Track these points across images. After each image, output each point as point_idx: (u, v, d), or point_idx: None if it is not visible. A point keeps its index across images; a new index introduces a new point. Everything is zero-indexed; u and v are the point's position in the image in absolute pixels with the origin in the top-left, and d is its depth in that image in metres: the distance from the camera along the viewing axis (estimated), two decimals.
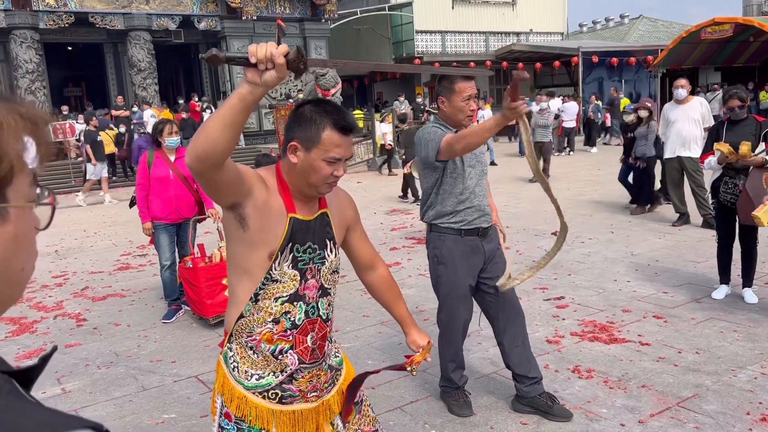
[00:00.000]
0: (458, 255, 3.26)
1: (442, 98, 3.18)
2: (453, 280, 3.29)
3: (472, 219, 3.24)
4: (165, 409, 3.69)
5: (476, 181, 3.26)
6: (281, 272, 1.84)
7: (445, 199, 3.24)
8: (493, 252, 3.34)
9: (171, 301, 5.44)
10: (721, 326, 4.45)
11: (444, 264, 3.29)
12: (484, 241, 3.30)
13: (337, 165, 1.81)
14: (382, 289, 2.19)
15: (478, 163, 3.29)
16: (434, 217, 3.30)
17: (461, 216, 3.23)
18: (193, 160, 1.57)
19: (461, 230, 3.25)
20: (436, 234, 3.32)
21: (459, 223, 3.24)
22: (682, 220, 7.82)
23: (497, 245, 3.39)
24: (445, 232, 3.27)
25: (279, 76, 1.49)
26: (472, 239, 3.26)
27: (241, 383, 1.89)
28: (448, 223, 3.26)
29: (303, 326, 1.89)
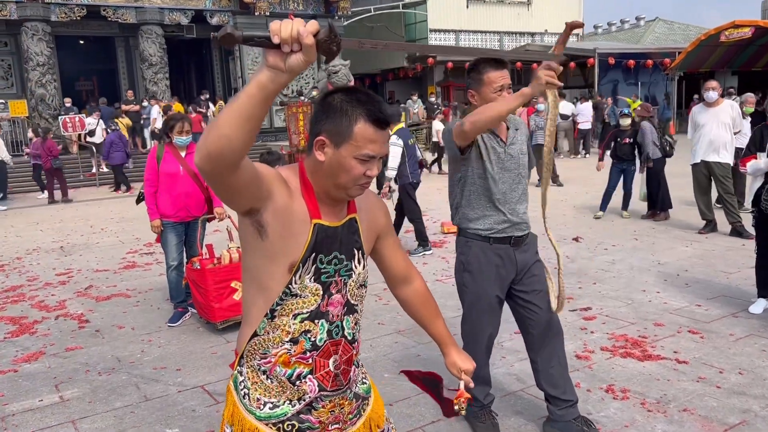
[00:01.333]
0: (485, 264, 2.97)
1: (472, 91, 2.90)
2: (478, 290, 3.02)
3: (504, 227, 2.95)
4: (168, 423, 3.44)
5: (510, 186, 2.95)
6: (302, 286, 1.58)
7: (472, 202, 2.97)
8: (528, 263, 3.02)
9: (177, 303, 5.20)
10: (763, 344, 4.16)
11: (470, 272, 3.02)
12: (517, 250, 2.99)
13: (371, 164, 1.55)
14: (417, 305, 1.93)
15: (516, 166, 2.97)
16: (461, 220, 3.03)
17: (490, 222, 2.95)
18: (203, 159, 1.31)
19: (489, 237, 2.96)
20: (464, 239, 3.05)
21: (488, 230, 2.96)
22: (709, 227, 7.51)
23: (535, 256, 3.08)
24: (472, 237, 3.00)
25: (307, 60, 1.23)
26: (503, 248, 2.97)
27: (252, 413, 1.64)
28: (475, 229, 2.98)
29: (325, 348, 1.63)
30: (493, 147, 2.91)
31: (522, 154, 3.01)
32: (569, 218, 8.89)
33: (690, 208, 8.02)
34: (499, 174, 2.92)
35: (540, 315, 3.03)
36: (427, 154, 18.26)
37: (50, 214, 11.89)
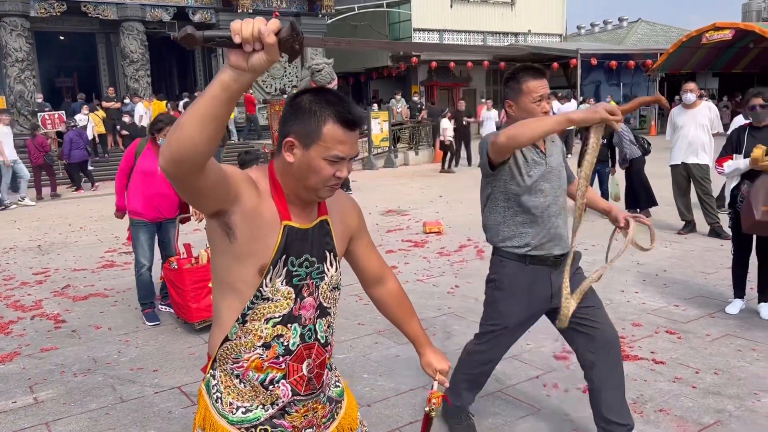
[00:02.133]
0: (519, 285, 2.79)
1: (509, 101, 2.74)
2: (508, 311, 2.84)
3: (541, 243, 2.76)
4: (144, 425, 3.40)
5: (552, 199, 2.76)
6: (273, 289, 1.56)
7: (508, 218, 2.79)
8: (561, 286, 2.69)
9: (145, 304, 5.10)
10: (738, 344, 4.21)
11: (501, 290, 2.85)
12: (555, 271, 2.79)
13: (340, 165, 1.53)
14: (392, 305, 1.91)
15: (556, 179, 2.78)
16: (494, 238, 2.87)
17: (527, 239, 2.76)
18: (167, 162, 1.28)
19: (526, 256, 2.78)
20: (498, 258, 2.87)
21: (524, 248, 2.77)
22: (688, 228, 7.58)
23: (575, 272, 2.86)
24: (508, 257, 2.81)
25: (269, 59, 1.21)
26: (539, 268, 2.78)
27: (225, 417, 1.61)
28: (511, 247, 2.80)
29: (298, 352, 1.61)
30: (533, 159, 2.73)
31: (561, 166, 2.84)
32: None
33: (669, 209, 8.09)
34: (539, 187, 2.73)
35: (596, 330, 2.82)
36: (411, 154, 18.28)
37: (28, 212, 11.72)
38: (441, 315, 5.04)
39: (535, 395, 3.59)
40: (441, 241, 7.83)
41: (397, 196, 11.95)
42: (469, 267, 6.48)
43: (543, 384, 3.73)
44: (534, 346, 4.27)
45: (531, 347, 4.27)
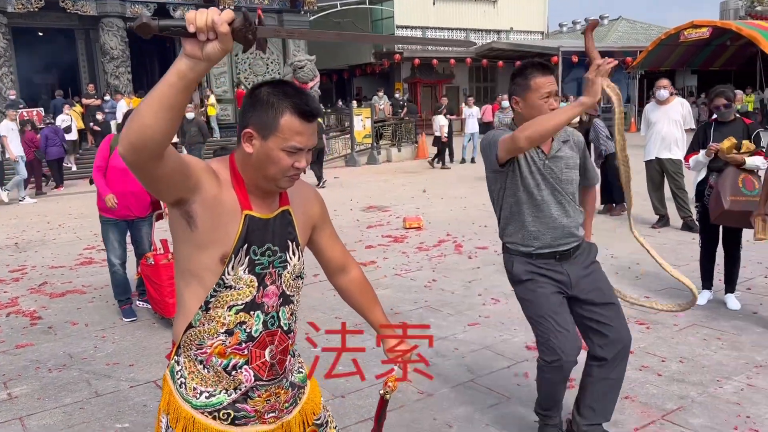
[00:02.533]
0: (533, 273, 2.78)
1: (516, 98, 2.72)
2: (538, 295, 2.76)
3: (545, 242, 2.75)
4: (119, 418, 3.43)
5: (552, 199, 2.76)
6: (236, 277, 1.61)
7: (513, 216, 2.80)
8: (580, 275, 2.78)
9: (122, 300, 5.11)
10: (704, 333, 4.32)
11: (522, 281, 2.81)
12: (565, 263, 2.77)
13: (299, 155, 1.58)
14: (355, 294, 1.97)
15: (557, 181, 2.77)
16: (503, 234, 2.88)
17: (530, 237, 2.76)
18: (126, 149, 1.33)
19: (532, 254, 2.78)
20: (507, 255, 2.89)
21: (528, 246, 2.77)
22: (661, 222, 7.72)
23: (590, 267, 2.84)
24: (514, 253, 2.83)
25: (223, 48, 1.27)
26: (548, 262, 2.77)
27: (188, 401, 1.66)
28: (516, 243, 2.82)
29: (260, 339, 1.66)
30: (533, 159, 2.74)
31: (567, 167, 2.78)
32: None
33: (644, 204, 8.21)
34: (539, 187, 2.73)
35: (616, 324, 2.80)
36: (393, 150, 18.33)
37: (5, 210, 11.62)
38: (417, 308, 5.11)
39: (506, 385, 3.67)
40: (420, 236, 7.90)
41: (378, 193, 12.01)
42: (447, 262, 6.55)
43: (514, 373, 3.81)
44: (506, 337, 4.35)
45: (504, 338, 4.35)
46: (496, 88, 28.50)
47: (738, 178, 4.55)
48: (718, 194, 4.53)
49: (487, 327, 4.60)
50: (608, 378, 2.84)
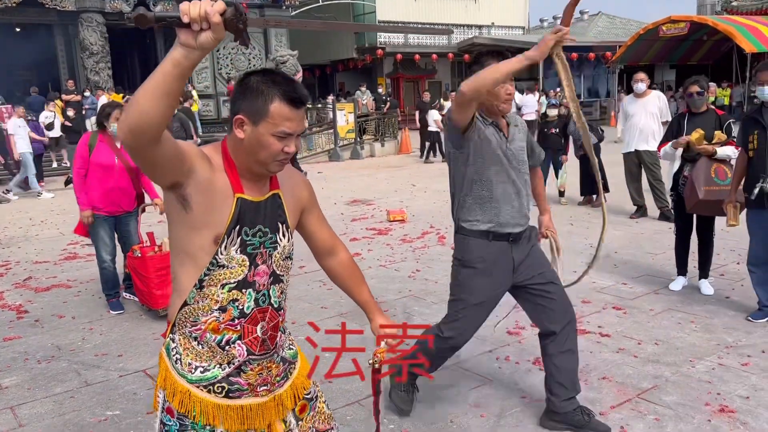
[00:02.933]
0: (485, 261, 2.92)
1: None
2: (473, 287, 2.95)
3: (502, 222, 2.89)
4: (109, 406, 3.49)
5: (510, 182, 2.89)
6: (228, 257, 1.69)
7: (471, 198, 2.91)
8: (523, 257, 2.97)
9: (110, 294, 5.14)
10: (678, 317, 4.47)
11: (466, 267, 2.95)
12: (514, 247, 2.94)
13: (288, 140, 1.67)
14: (344, 275, 2.06)
15: (517, 163, 2.92)
16: (459, 216, 2.99)
17: (488, 218, 2.89)
18: (125, 134, 1.42)
19: (489, 233, 2.90)
20: (461, 236, 2.99)
21: (487, 226, 2.89)
22: (639, 212, 7.90)
23: (532, 247, 3.02)
24: (470, 234, 2.94)
25: (216, 37, 1.36)
26: (501, 245, 2.92)
27: (184, 376, 1.74)
28: (474, 223, 2.92)
29: (252, 315, 1.75)
30: (496, 141, 2.85)
31: (521, 150, 2.97)
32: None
33: (622, 195, 8.38)
34: (499, 169, 2.86)
35: (560, 300, 3.01)
36: (377, 145, 18.41)
37: None
38: (401, 297, 5.20)
39: (488, 368, 3.78)
40: (404, 228, 8.00)
41: (362, 187, 12.09)
42: (431, 253, 6.66)
43: (496, 357, 3.93)
44: (488, 322, 4.45)
45: (485, 324, 4.45)
46: None
47: (711, 169, 4.71)
48: (692, 185, 4.68)
49: None
50: (563, 350, 3.01)
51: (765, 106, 4.24)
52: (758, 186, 4.13)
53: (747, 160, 4.31)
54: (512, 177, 2.90)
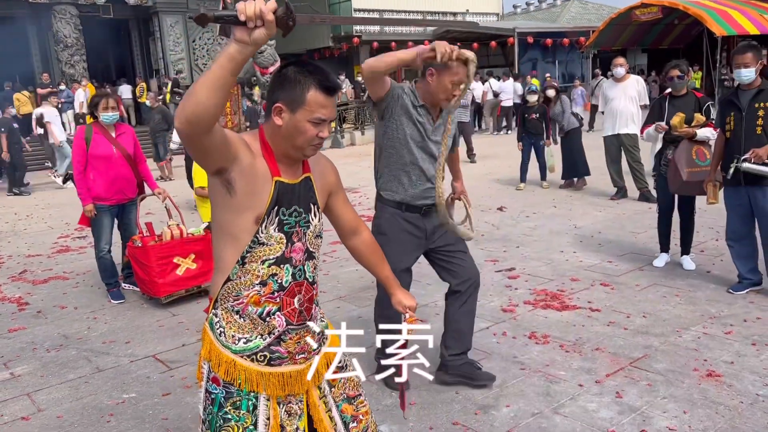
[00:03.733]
0: (397, 230, 3.21)
1: (432, 70, 3.06)
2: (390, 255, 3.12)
3: (416, 196, 3.19)
4: (124, 389, 3.60)
5: (428, 161, 3.18)
6: (268, 235, 1.82)
7: (391, 170, 3.20)
8: (435, 228, 3.28)
9: (110, 283, 5.22)
10: (663, 291, 4.70)
11: (383, 234, 3.19)
12: (426, 218, 3.25)
13: (322, 126, 1.80)
14: (366, 253, 2.20)
15: (437, 146, 3.20)
16: (379, 185, 3.28)
17: (403, 191, 3.19)
18: (182, 123, 1.54)
19: (402, 204, 3.20)
20: (380, 204, 3.29)
21: (401, 199, 3.19)
22: (620, 194, 8.14)
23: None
24: (387, 203, 3.23)
25: (268, 33, 1.49)
26: (413, 216, 3.23)
27: (228, 348, 1.87)
28: (391, 195, 3.21)
29: (290, 288, 1.88)
30: (422, 122, 3.13)
31: (446, 134, 3.25)
32: (494, 190, 9.38)
33: (603, 177, 8.63)
34: (420, 148, 3.16)
35: (467, 264, 3.37)
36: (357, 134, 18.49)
37: None
38: None
39: (486, 343, 3.96)
40: None
41: (346, 175, 12.10)
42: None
43: (493, 333, 4.11)
44: (483, 302, 4.63)
45: (480, 303, 4.62)
46: None
47: (692, 151, 4.91)
48: (675, 167, 4.88)
49: None
50: (464, 309, 3.39)
51: (741, 89, 4.44)
52: (733, 165, 4.34)
53: (725, 141, 4.53)
54: (428, 154, 3.18)
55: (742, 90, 4.43)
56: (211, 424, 1.88)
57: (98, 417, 3.29)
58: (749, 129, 4.34)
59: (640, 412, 3.05)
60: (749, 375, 3.36)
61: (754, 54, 4.31)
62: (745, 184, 4.39)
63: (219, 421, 1.86)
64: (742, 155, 4.32)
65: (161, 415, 3.28)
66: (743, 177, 4.36)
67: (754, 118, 4.32)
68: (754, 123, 4.32)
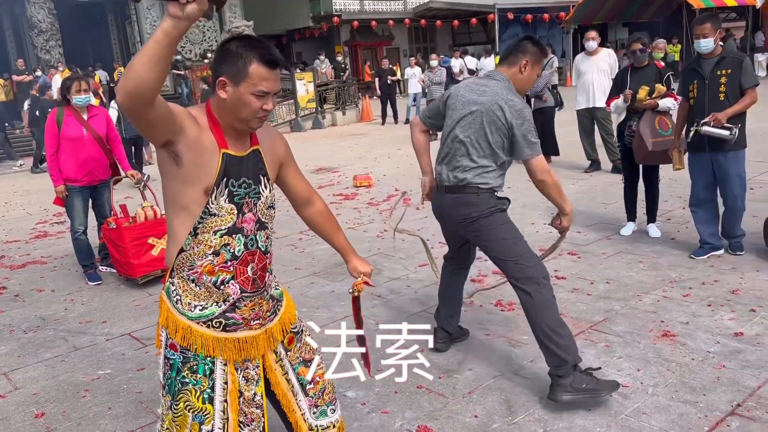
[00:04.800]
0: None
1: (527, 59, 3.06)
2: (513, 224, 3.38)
3: None
4: (100, 366, 3.68)
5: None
6: (218, 206, 1.90)
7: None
8: None
9: (87, 265, 5.27)
10: (628, 259, 4.83)
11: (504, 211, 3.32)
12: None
13: (266, 99, 1.87)
14: (320, 222, 2.29)
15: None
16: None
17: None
18: (123, 96, 1.60)
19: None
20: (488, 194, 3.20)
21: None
22: (593, 166, 8.27)
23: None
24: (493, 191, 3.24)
25: (201, 9, 1.54)
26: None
27: (184, 314, 1.95)
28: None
29: (243, 257, 1.96)
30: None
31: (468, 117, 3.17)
32: None
33: (578, 151, 8.74)
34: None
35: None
36: (338, 114, 18.48)
37: None
38: (371, 255, 5.46)
39: None
40: (370, 193, 8.23)
41: (326, 155, 12.23)
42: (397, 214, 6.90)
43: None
44: None
45: None
46: (436, 48, 28.72)
47: (655, 121, 5.05)
48: (640, 138, 5.00)
49: None
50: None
51: (703, 58, 4.56)
52: (693, 129, 4.48)
53: (688, 108, 4.66)
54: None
55: (704, 59, 4.55)
56: (170, 388, 1.97)
57: (74, 393, 3.38)
58: (712, 96, 4.47)
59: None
60: (702, 334, 3.50)
61: (712, 24, 4.43)
62: (709, 150, 4.51)
63: (177, 385, 1.95)
64: (701, 120, 4.45)
65: (135, 389, 3.37)
66: (707, 143, 4.48)
67: (717, 85, 4.46)
68: (717, 90, 4.46)
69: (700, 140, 4.51)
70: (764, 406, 2.78)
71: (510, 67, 3.11)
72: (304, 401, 2.16)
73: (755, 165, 7.02)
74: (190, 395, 1.95)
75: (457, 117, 3.10)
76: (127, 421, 3.06)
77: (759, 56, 21.08)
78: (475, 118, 3.04)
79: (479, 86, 3.11)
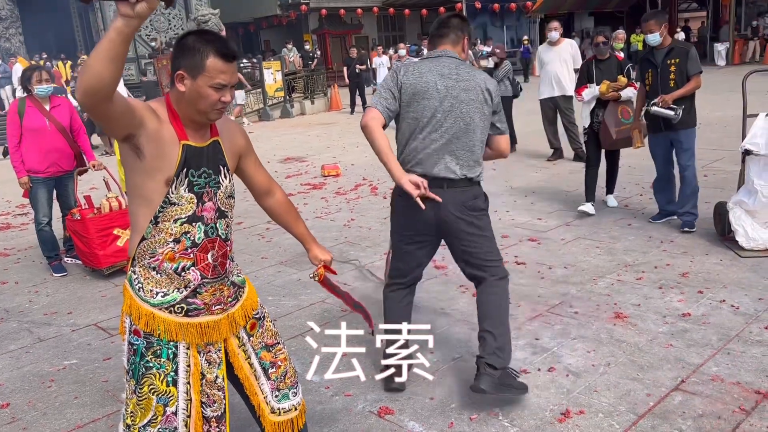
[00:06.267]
0: None
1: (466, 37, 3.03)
2: None
3: None
4: (66, 356, 3.70)
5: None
6: (178, 196, 1.95)
7: None
8: None
9: (51, 257, 5.25)
10: (586, 244, 4.99)
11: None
12: None
13: (224, 91, 1.92)
14: (281, 212, 2.36)
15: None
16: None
17: None
18: (82, 95, 1.64)
19: None
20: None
21: None
22: (556, 155, 8.45)
23: None
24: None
25: (150, 6, 1.56)
26: None
27: (147, 301, 2.00)
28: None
29: (203, 245, 2.02)
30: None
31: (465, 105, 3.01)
32: None
33: (541, 140, 8.91)
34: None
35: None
36: (307, 103, 18.43)
37: None
38: (338, 244, 5.53)
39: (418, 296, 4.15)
40: (338, 182, 8.29)
41: (295, 145, 12.24)
42: (363, 203, 7.00)
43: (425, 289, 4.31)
44: None
45: None
46: (404, 37, 28.76)
47: (617, 111, 5.52)
48: (606, 127, 5.48)
49: None
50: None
51: (655, 49, 5.00)
52: (644, 109, 5.03)
53: (645, 93, 5.13)
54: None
55: (657, 50, 4.99)
56: (134, 373, 2.03)
57: (39, 383, 3.40)
58: (664, 82, 4.92)
59: (551, 353, 3.32)
60: (653, 315, 3.67)
61: (656, 20, 4.88)
62: (664, 130, 4.96)
63: (141, 369, 2.01)
64: (652, 101, 4.93)
65: (102, 378, 3.41)
66: (662, 124, 4.93)
67: (668, 73, 4.91)
68: (668, 77, 4.91)
69: (658, 122, 4.95)
70: (706, 381, 2.95)
71: (454, 46, 2.97)
72: (267, 385, 2.23)
73: (709, 152, 7.27)
74: (154, 379, 2.01)
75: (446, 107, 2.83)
76: (94, 409, 3.10)
77: (718, 46, 21.58)
78: (465, 107, 2.83)
79: (446, 68, 2.87)
